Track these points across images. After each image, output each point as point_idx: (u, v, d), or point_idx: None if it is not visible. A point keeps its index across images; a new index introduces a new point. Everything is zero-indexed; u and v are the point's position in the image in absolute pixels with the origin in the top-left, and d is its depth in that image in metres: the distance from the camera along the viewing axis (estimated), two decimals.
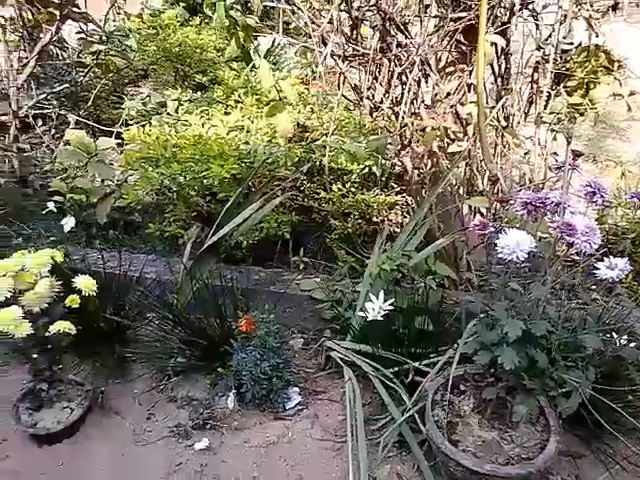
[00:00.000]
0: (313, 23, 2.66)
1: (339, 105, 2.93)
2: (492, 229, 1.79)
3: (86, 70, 4.34)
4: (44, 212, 2.75)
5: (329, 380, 2.50)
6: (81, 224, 3.06)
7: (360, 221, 2.85)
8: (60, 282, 2.01)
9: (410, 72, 2.60)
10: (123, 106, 3.87)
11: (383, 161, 2.86)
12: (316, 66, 3.03)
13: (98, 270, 2.56)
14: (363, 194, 2.84)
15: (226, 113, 3.11)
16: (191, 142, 2.58)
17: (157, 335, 2.56)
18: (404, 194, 3.00)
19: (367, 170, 2.90)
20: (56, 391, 2.23)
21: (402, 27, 2.58)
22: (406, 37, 2.61)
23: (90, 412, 2.30)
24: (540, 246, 1.72)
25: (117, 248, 2.93)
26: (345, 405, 2.31)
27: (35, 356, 2.11)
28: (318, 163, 2.74)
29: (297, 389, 2.43)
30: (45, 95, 3.78)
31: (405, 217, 3.08)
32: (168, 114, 3.40)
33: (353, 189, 2.80)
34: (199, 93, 4.05)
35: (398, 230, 2.91)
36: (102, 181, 2.88)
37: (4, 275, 1.87)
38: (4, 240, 3.01)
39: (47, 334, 1.95)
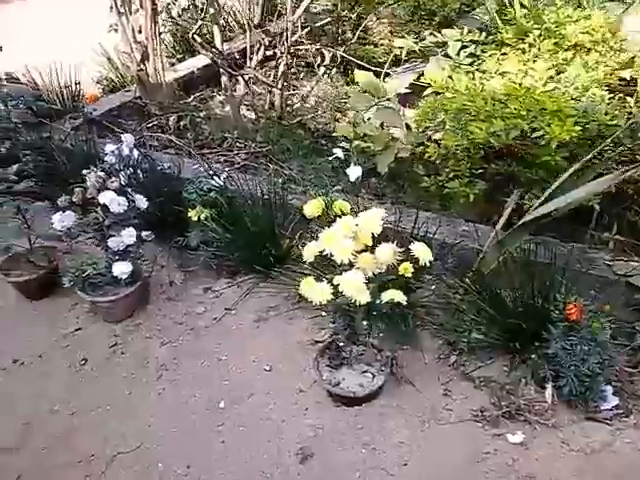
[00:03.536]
0: None
1: None
2: None
3: None
4: (330, 158, 2.64)
5: None
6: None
7: None
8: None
9: None
10: (395, 44, 3.62)
11: None
12: None
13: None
14: None
15: (532, 61, 2.72)
16: (514, 95, 2.26)
17: (448, 305, 2.38)
18: None
19: None
20: (356, 352, 2.14)
21: None
22: None
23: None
24: None
25: (393, 201, 2.77)
26: None
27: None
28: None
29: (611, 388, 2.11)
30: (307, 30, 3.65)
31: None
32: (447, 56, 3.09)
33: None
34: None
35: None
36: (382, 127, 2.69)
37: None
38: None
39: (378, 302, 1.82)
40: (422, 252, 1.79)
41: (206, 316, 2.62)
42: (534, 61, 2.67)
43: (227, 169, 3.25)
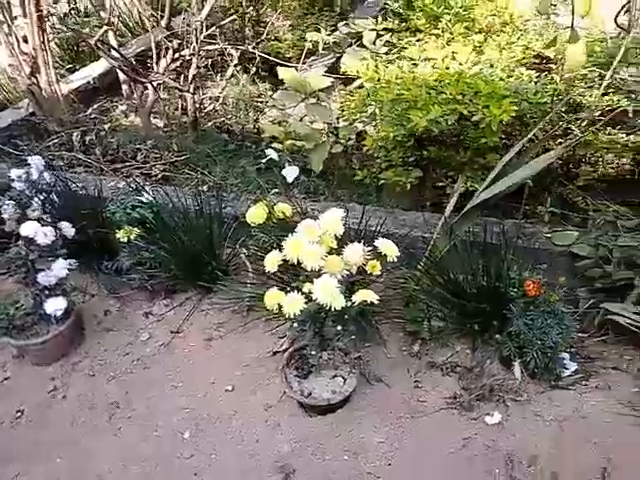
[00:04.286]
0: None
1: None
2: None
3: None
4: (264, 161, 2.54)
5: (602, 347, 2.25)
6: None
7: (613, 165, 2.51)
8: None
9: None
10: (307, 37, 3.55)
11: None
12: None
13: None
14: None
15: (447, 45, 2.74)
16: (446, 80, 2.27)
17: (403, 297, 2.37)
18: None
19: None
20: (326, 358, 2.07)
21: None
22: None
23: None
24: None
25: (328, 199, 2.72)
26: (637, 376, 2.09)
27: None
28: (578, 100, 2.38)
29: (568, 355, 2.20)
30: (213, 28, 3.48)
31: None
32: (362, 46, 3.07)
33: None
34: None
35: None
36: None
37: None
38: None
39: (349, 304, 1.76)
40: (388, 248, 1.75)
41: (152, 343, 2.45)
42: (448, 45, 2.72)
43: (146, 183, 3.05)
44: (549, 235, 2.44)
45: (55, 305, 2.17)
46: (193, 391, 2.23)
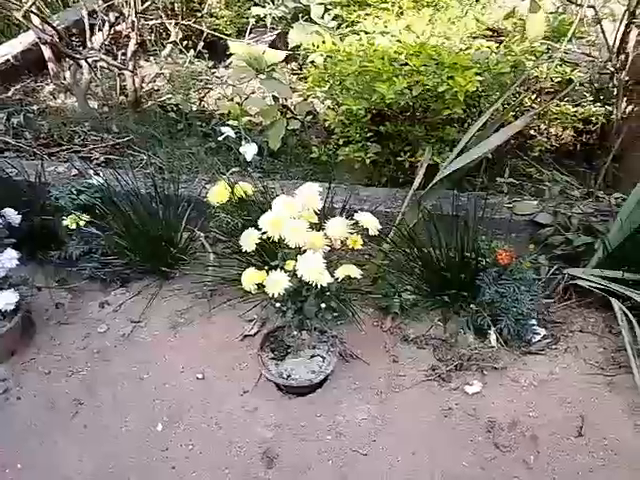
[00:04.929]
0: None
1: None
2: None
3: None
4: (220, 139, 2.43)
5: (567, 311, 2.32)
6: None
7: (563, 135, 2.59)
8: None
9: None
10: (252, 12, 3.40)
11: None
12: None
13: None
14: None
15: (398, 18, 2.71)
16: (408, 52, 2.23)
17: (371, 272, 2.34)
18: None
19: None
20: (306, 338, 2.02)
21: None
22: None
23: None
24: None
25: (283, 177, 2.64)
26: (602, 337, 2.17)
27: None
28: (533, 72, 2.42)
29: (535, 321, 2.25)
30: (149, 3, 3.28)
31: None
32: (310, 20, 2.99)
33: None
34: None
35: None
36: (274, 100, 2.54)
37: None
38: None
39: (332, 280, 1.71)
40: (370, 222, 1.71)
41: (111, 334, 2.30)
42: (399, 17, 2.70)
43: (87, 167, 2.86)
44: (510, 205, 2.48)
45: (6, 299, 1.99)
46: (162, 382, 2.12)
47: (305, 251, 1.65)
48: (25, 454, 1.91)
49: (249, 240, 1.70)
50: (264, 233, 1.65)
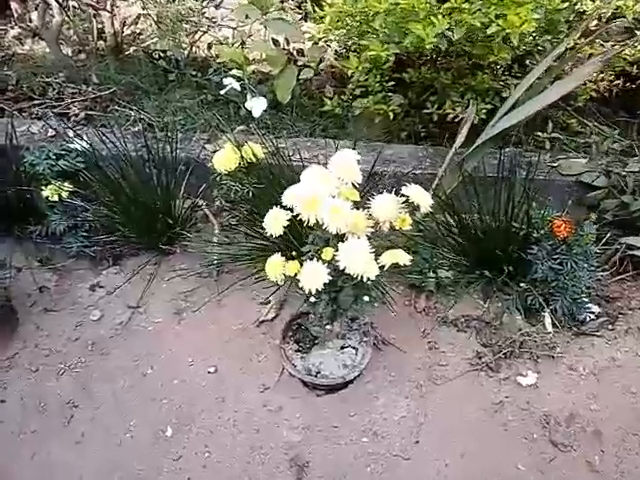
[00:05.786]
0: None
1: None
2: None
3: None
4: (222, 92, 2.08)
5: (621, 285, 2.07)
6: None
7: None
8: None
9: None
10: None
11: None
12: None
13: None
14: None
15: None
16: None
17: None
18: None
19: None
20: (337, 328, 1.74)
21: None
22: None
23: None
24: None
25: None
26: None
27: None
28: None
29: (586, 298, 2.00)
30: None
31: None
32: None
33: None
34: None
35: None
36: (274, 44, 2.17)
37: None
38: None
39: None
40: (421, 197, 1.40)
41: (107, 322, 2.01)
42: None
43: (66, 126, 2.49)
44: (554, 164, 2.18)
45: None
46: (168, 377, 1.85)
47: (344, 235, 1.36)
48: (15, 469, 1.65)
49: (276, 223, 1.39)
50: (296, 216, 1.33)
